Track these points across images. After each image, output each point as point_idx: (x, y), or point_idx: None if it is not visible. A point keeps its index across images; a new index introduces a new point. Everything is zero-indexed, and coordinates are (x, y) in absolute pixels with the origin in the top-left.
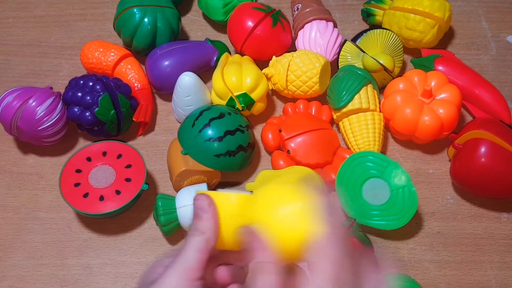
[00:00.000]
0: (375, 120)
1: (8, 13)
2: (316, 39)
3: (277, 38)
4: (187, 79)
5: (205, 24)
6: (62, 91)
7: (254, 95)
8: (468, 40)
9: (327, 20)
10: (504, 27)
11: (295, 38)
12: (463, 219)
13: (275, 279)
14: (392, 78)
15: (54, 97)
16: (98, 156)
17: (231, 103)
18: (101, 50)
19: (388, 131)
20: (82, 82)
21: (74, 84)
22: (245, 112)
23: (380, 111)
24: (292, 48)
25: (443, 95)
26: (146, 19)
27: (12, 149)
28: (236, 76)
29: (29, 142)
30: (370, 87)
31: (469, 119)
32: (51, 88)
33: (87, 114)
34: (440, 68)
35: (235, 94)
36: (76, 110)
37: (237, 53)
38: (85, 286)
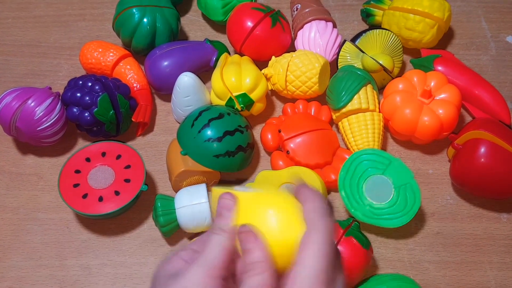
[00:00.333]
0: (374, 120)
1: (7, 13)
2: (315, 39)
3: (276, 38)
4: (187, 80)
5: (204, 24)
6: (61, 92)
7: (254, 96)
8: (468, 40)
9: (327, 20)
10: (503, 27)
11: (295, 38)
12: (462, 220)
13: (268, 278)
14: (392, 78)
15: (53, 97)
16: (97, 157)
17: (230, 104)
18: (100, 50)
19: (388, 132)
20: (81, 82)
21: (73, 84)
22: (244, 112)
23: (379, 111)
24: (292, 48)
25: (442, 96)
26: (145, 19)
27: (11, 149)
28: (235, 77)
29: (28, 142)
30: (369, 87)
31: (468, 120)
32: (50, 88)
33: (86, 115)
34: (439, 68)
35: (235, 94)
36: (75, 110)
37: (236, 53)
38: (84, 286)
